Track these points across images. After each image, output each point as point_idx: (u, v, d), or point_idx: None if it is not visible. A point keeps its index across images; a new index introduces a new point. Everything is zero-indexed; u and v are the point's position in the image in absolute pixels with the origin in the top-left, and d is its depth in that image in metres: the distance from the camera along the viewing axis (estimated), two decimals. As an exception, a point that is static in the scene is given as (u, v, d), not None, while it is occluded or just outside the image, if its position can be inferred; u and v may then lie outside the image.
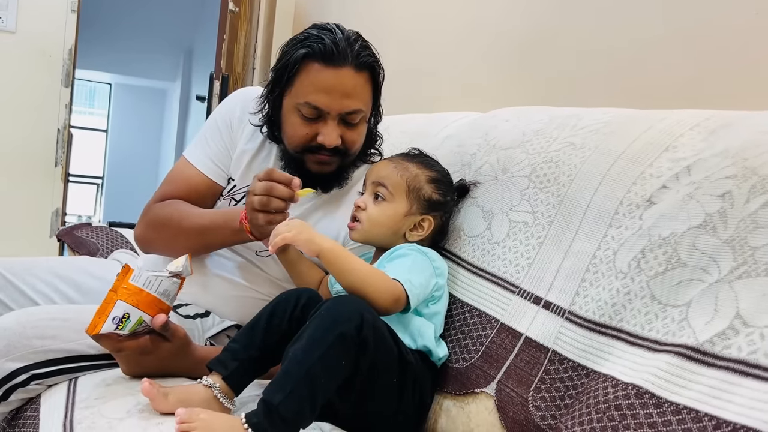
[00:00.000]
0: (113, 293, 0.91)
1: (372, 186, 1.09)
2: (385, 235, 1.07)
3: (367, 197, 1.09)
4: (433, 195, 1.08)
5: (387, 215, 1.06)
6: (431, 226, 1.08)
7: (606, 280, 0.81)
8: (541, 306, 0.88)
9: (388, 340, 0.87)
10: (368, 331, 0.80)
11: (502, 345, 0.90)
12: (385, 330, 0.87)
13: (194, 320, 1.18)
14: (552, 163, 0.99)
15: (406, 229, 1.07)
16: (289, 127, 1.13)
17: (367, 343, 0.80)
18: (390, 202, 1.06)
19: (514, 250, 0.97)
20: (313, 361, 0.76)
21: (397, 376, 0.88)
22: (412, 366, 0.91)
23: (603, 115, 1.02)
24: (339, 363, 0.78)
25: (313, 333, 0.79)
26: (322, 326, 0.79)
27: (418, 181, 1.08)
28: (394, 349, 0.88)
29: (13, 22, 2.81)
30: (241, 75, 3.15)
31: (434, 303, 1.02)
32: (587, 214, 0.89)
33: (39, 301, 1.22)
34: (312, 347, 0.77)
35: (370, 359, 0.82)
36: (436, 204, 1.08)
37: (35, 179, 2.91)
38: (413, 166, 1.09)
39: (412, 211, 1.07)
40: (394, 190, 1.06)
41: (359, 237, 1.08)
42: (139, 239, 1.27)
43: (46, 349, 0.97)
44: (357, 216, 1.07)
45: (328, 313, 0.80)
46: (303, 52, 1.07)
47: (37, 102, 2.87)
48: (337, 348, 0.78)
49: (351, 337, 0.78)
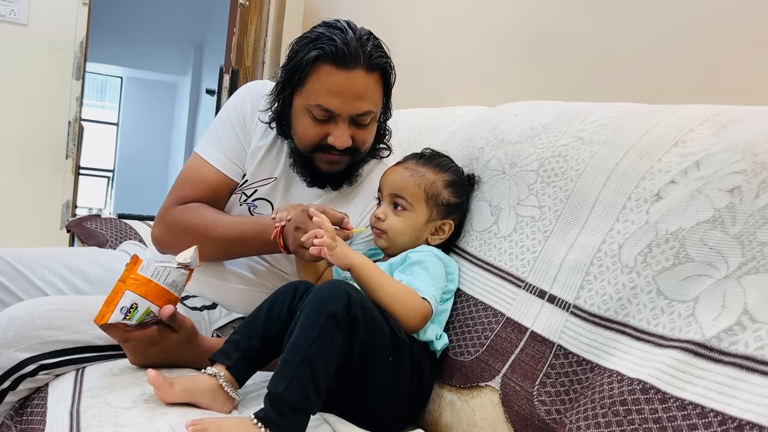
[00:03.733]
0: (122, 283, 0.91)
1: (389, 197, 1.09)
2: (409, 242, 1.08)
3: (386, 208, 1.09)
4: (450, 199, 1.09)
5: (409, 225, 1.08)
6: (451, 229, 1.10)
7: (611, 274, 0.80)
8: (546, 300, 0.88)
9: (379, 318, 0.88)
10: (357, 309, 0.82)
11: (508, 339, 0.90)
12: (375, 309, 0.88)
13: (201, 312, 1.18)
14: (560, 158, 0.98)
15: (428, 234, 1.09)
16: (300, 127, 1.13)
17: (357, 320, 0.82)
18: (410, 211, 1.08)
19: (521, 244, 0.97)
20: (308, 345, 0.78)
21: (392, 354, 0.89)
22: (407, 345, 0.92)
23: (612, 110, 1.01)
24: (334, 342, 0.79)
25: (305, 319, 0.80)
26: (311, 311, 0.81)
27: (436, 188, 1.08)
28: (385, 327, 0.89)
29: (25, 15, 2.82)
30: (250, 69, 3.15)
31: (442, 303, 1.03)
32: (595, 209, 0.88)
33: (47, 291, 1.23)
34: (305, 332, 0.79)
35: (363, 336, 0.83)
36: (454, 207, 1.10)
37: (46, 171, 2.93)
38: (429, 172, 1.10)
39: (433, 217, 1.08)
40: (412, 200, 1.07)
41: (386, 244, 1.09)
42: (158, 241, 1.25)
43: (54, 339, 0.98)
44: (379, 227, 1.08)
45: (315, 297, 0.82)
46: (314, 54, 1.06)
47: (48, 95, 2.89)
48: (330, 328, 0.79)
49: (341, 316, 0.80)
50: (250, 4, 3.02)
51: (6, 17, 2.79)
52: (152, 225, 1.27)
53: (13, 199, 2.86)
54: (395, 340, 0.89)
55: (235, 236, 1.15)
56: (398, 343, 0.90)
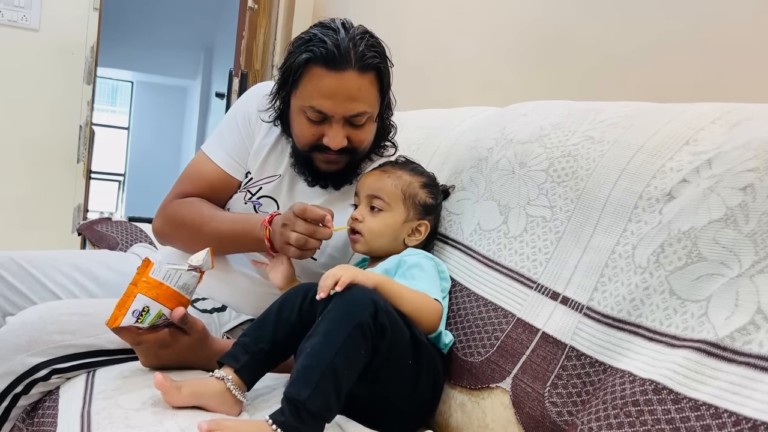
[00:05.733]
0: (133, 286, 0.92)
1: (367, 198, 1.11)
2: (387, 244, 1.10)
3: (363, 209, 1.11)
4: (427, 199, 1.12)
5: (386, 224, 1.09)
6: (428, 230, 1.12)
7: (625, 275, 0.79)
8: (559, 301, 0.87)
9: (401, 323, 0.88)
10: (383, 317, 0.82)
11: (518, 340, 0.89)
12: (396, 314, 0.88)
13: (211, 315, 1.19)
14: (570, 157, 0.98)
15: (405, 235, 1.11)
16: (297, 127, 1.14)
17: (384, 329, 0.82)
18: (387, 211, 1.09)
19: (532, 244, 0.96)
20: (334, 354, 0.76)
21: (412, 357, 0.89)
22: (426, 346, 0.92)
23: (622, 109, 1.00)
24: (359, 353, 0.79)
25: (329, 326, 0.79)
26: (336, 318, 0.80)
27: (413, 188, 1.11)
28: (406, 331, 0.89)
29: (37, 20, 2.85)
30: (260, 72, 3.17)
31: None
32: (606, 209, 0.87)
33: (59, 294, 1.24)
34: (331, 340, 0.78)
35: (388, 344, 0.83)
36: (430, 207, 1.13)
37: (58, 175, 2.95)
38: (405, 174, 1.12)
39: (410, 217, 1.10)
40: (390, 200, 1.09)
41: (362, 248, 1.11)
42: (157, 232, 1.28)
43: (67, 343, 0.98)
44: (356, 228, 1.09)
45: (340, 305, 0.81)
46: (305, 57, 1.06)
47: (59, 99, 2.91)
48: (356, 338, 0.78)
49: (368, 326, 0.79)
50: (259, 7, 3.03)
51: (18, 23, 2.82)
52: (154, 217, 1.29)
53: (26, 202, 2.89)
54: (415, 343, 0.89)
55: (225, 232, 1.17)
56: (418, 345, 0.90)
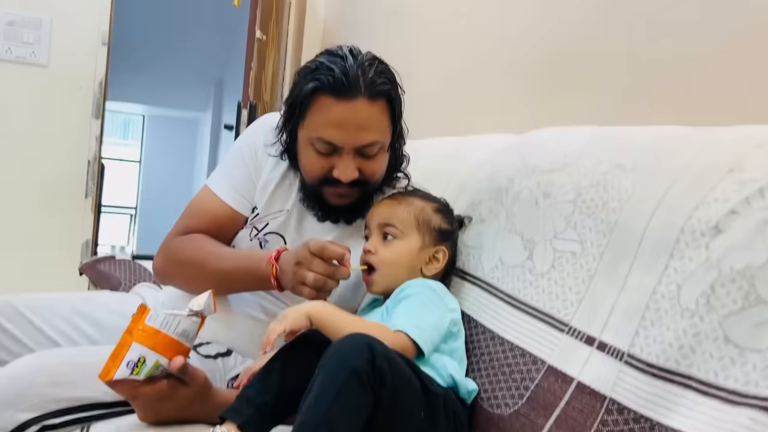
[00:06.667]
0: (128, 335, 0.85)
1: (378, 228, 1.04)
2: (403, 275, 1.01)
3: (376, 240, 1.04)
4: (442, 224, 1.05)
5: (401, 253, 1.02)
6: (446, 257, 1.05)
7: (670, 318, 0.71)
8: (595, 347, 0.79)
9: (406, 370, 0.80)
10: (382, 362, 0.74)
11: (551, 390, 0.81)
12: (401, 360, 0.80)
13: (215, 360, 1.11)
14: (599, 187, 0.90)
15: (422, 263, 1.03)
16: (305, 160, 1.08)
17: (384, 375, 0.74)
18: (401, 239, 1.02)
19: (561, 282, 0.88)
20: (327, 405, 0.70)
21: (425, 409, 0.81)
22: (440, 397, 0.83)
23: (651, 134, 0.93)
24: (358, 402, 0.72)
25: (324, 377, 0.73)
26: (331, 368, 0.73)
27: (426, 213, 1.04)
28: (414, 379, 0.80)
29: (46, 56, 2.84)
30: (269, 103, 3.13)
31: (453, 340, 0.95)
32: (643, 244, 0.79)
33: (58, 340, 1.17)
34: (325, 391, 0.71)
35: (391, 393, 0.75)
36: (446, 233, 1.06)
37: (66, 211, 2.91)
38: (417, 200, 1.06)
39: (426, 243, 1.03)
40: (403, 227, 1.02)
41: (379, 288, 1.03)
42: (158, 272, 1.22)
43: (59, 397, 0.91)
44: (369, 261, 1.02)
45: (334, 353, 0.74)
46: (312, 86, 1.00)
47: (67, 134, 2.89)
48: (352, 386, 0.71)
49: (364, 372, 0.72)
50: (267, 38, 3.01)
51: (27, 59, 2.81)
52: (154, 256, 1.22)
53: (33, 238, 2.85)
54: (427, 394, 0.81)
55: (229, 270, 1.10)
56: (431, 396, 0.81)
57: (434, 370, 0.90)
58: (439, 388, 0.85)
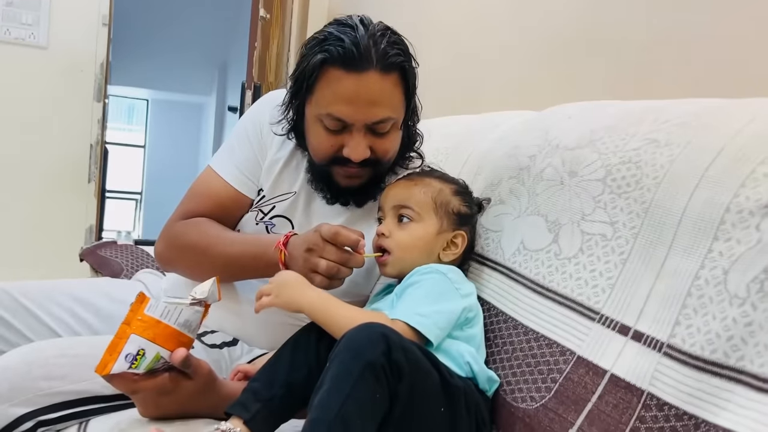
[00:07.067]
0: (126, 326, 0.79)
1: (393, 210, 0.97)
2: (419, 260, 0.94)
3: (390, 222, 0.97)
4: (461, 208, 0.99)
5: (418, 236, 0.95)
6: (465, 242, 0.98)
7: (716, 306, 0.65)
8: (630, 337, 0.72)
9: (424, 362, 0.74)
10: (398, 354, 0.68)
11: (581, 383, 0.75)
12: (418, 351, 0.74)
13: (221, 350, 1.06)
14: (631, 164, 0.83)
15: (440, 249, 0.96)
16: (313, 139, 1.01)
17: (401, 368, 0.68)
18: (418, 222, 0.95)
19: (591, 267, 0.82)
20: (342, 401, 0.64)
21: (444, 404, 0.75)
22: (460, 390, 0.78)
23: (688, 107, 0.86)
24: (373, 397, 0.66)
25: (337, 370, 0.67)
26: (344, 361, 0.67)
27: (444, 195, 0.97)
28: (433, 372, 0.75)
29: (45, 37, 2.78)
30: (274, 84, 3.06)
31: (470, 326, 0.89)
32: (683, 225, 0.73)
33: (56, 328, 1.12)
34: (338, 385, 0.66)
35: (408, 387, 0.69)
36: (466, 217, 0.99)
37: (69, 196, 2.87)
38: (434, 181, 0.99)
39: (444, 227, 0.96)
40: (420, 209, 0.95)
41: (393, 271, 0.96)
42: (159, 257, 1.16)
43: (54, 391, 0.86)
44: (383, 245, 0.95)
45: (348, 345, 0.69)
46: (320, 58, 0.93)
47: (69, 118, 2.84)
48: (368, 380, 0.66)
49: (380, 365, 0.67)
50: (271, 17, 2.93)
51: (26, 40, 2.75)
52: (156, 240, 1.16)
53: (35, 224, 2.80)
54: (447, 388, 0.75)
55: (235, 255, 1.04)
56: (451, 390, 0.76)
57: (449, 357, 0.84)
58: (458, 380, 0.80)
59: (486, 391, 0.85)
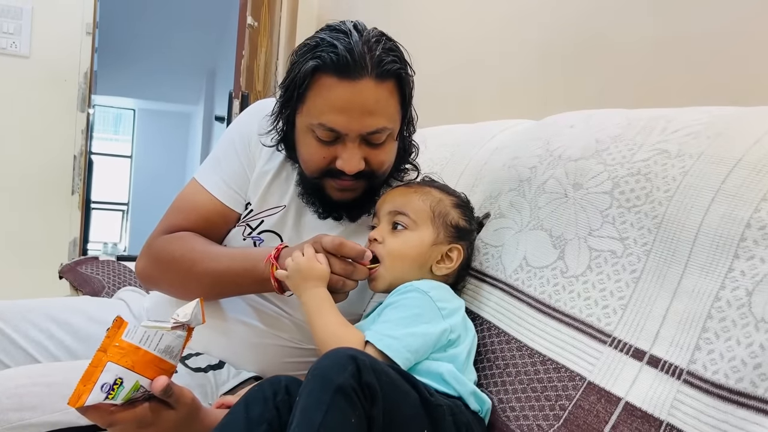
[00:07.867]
0: (102, 353, 0.73)
1: (388, 216, 0.92)
2: (411, 271, 0.90)
3: (384, 228, 0.92)
4: (460, 221, 0.94)
5: (411, 245, 0.90)
6: (460, 257, 0.92)
7: (740, 331, 0.60)
8: (646, 362, 0.68)
9: (400, 382, 0.69)
10: (369, 376, 0.64)
11: (593, 411, 0.70)
12: (393, 372, 0.70)
13: (206, 374, 1.00)
14: (640, 176, 0.79)
15: (433, 261, 0.91)
16: (304, 150, 0.96)
17: (373, 390, 0.64)
18: (413, 230, 0.91)
19: (600, 286, 0.77)
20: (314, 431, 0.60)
21: (427, 424, 0.70)
22: (443, 409, 0.73)
23: (700, 115, 0.82)
24: (348, 423, 0.62)
25: (307, 401, 0.63)
26: (312, 390, 0.63)
27: (444, 206, 0.93)
28: (411, 392, 0.70)
29: (27, 46, 2.72)
30: (262, 93, 3.01)
31: (453, 347, 0.83)
32: (699, 241, 0.68)
33: (32, 352, 1.06)
34: (310, 415, 0.61)
35: (385, 408, 0.65)
36: (464, 231, 0.94)
37: (52, 208, 2.80)
38: (434, 191, 0.95)
39: (439, 239, 0.91)
40: (416, 217, 0.91)
41: (383, 285, 0.91)
42: (141, 275, 1.10)
43: (26, 423, 0.80)
44: (375, 251, 0.90)
45: (315, 372, 0.65)
46: (312, 65, 0.88)
47: (52, 128, 2.77)
48: (340, 406, 0.62)
49: (351, 388, 0.62)
50: (259, 25, 2.88)
51: (7, 50, 2.69)
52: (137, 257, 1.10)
53: (17, 237, 2.73)
54: (428, 407, 0.70)
55: (222, 271, 0.98)
56: (432, 408, 0.70)
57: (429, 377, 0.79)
58: (441, 399, 0.75)
59: (479, 412, 0.80)
